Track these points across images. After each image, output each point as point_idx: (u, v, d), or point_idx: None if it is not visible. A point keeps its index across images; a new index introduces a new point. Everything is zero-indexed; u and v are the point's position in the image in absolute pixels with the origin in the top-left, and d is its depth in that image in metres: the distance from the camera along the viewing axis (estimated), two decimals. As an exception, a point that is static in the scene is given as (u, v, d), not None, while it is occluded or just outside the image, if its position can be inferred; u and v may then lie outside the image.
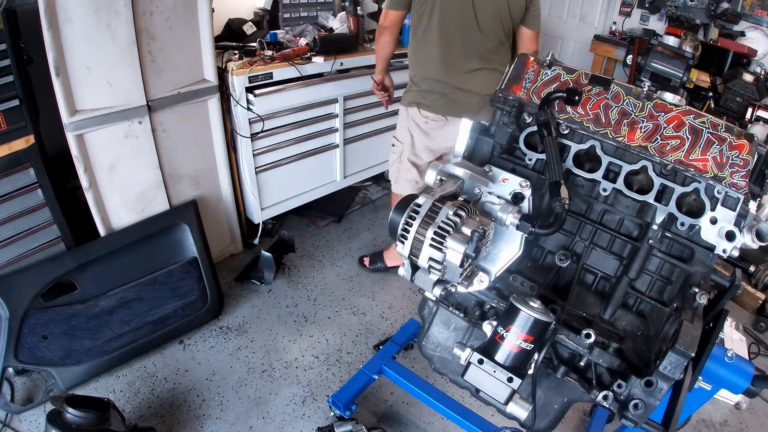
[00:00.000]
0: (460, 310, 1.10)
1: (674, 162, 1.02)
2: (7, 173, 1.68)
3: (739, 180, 0.98)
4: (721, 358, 1.23)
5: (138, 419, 1.83)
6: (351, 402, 1.75)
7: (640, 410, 0.91)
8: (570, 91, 1.05)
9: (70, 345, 1.86)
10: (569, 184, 1.08)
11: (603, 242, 1.09)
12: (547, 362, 0.99)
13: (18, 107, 1.64)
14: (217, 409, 1.90)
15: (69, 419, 1.48)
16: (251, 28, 2.69)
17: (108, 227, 1.98)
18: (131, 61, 1.81)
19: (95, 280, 1.91)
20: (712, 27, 3.68)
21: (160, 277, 2.06)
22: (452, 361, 1.14)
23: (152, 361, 2.06)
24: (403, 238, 0.82)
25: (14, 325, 1.74)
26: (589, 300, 1.07)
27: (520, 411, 0.89)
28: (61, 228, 1.87)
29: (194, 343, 2.16)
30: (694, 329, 0.89)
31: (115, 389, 1.93)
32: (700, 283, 0.98)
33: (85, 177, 1.85)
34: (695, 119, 1.01)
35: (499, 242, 0.93)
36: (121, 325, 1.96)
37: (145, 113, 1.93)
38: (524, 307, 0.84)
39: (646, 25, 4.13)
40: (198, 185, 2.28)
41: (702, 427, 2.05)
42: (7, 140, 1.65)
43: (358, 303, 2.46)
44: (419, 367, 2.09)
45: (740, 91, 3.11)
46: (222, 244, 2.57)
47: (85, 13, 1.64)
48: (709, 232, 0.99)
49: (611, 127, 1.07)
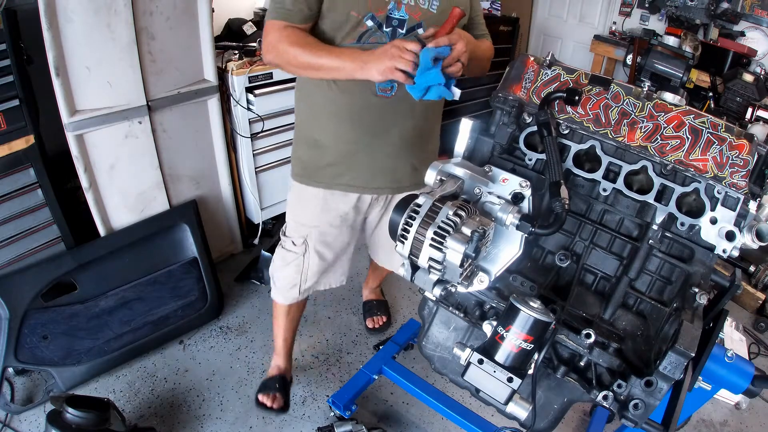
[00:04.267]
0: (460, 310, 1.10)
1: (674, 162, 1.02)
2: (7, 173, 1.68)
3: (739, 180, 0.98)
4: (721, 358, 1.23)
5: (138, 419, 1.83)
6: (351, 402, 1.75)
7: (640, 410, 0.91)
8: (570, 91, 1.05)
9: (70, 345, 1.86)
10: (569, 184, 1.08)
11: (603, 242, 1.09)
12: (547, 362, 0.99)
13: (18, 107, 1.64)
14: (217, 409, 1.90)
15: (69, 419, 1.48)
16: (251, 28, 2.69)
17: (108, 227, 1.98)
18: (131, 61, 1.81)
19: (95, 280, 1.91)
20: (712, 27, 3.68)
21: (160, 277, 2.06)
22: (452, 361, 1.14)
23: (152, 361, 2.06)
24: (403, 238, 0.82)
25: (14, 325, 1.74)
26: (589, 300, 1.07)
27: (520, 411, 0.89)
28: (61, 228, 1.87)
29: (194, 343, 2.16)
30: (694, 329, 0.89)
31: (115, 389, 1.93)
32: (700, 283, 0.98)
33: (85, 177, 1.85)
34: (695, 119, 1.01)
35: (499, 242, 0.92)
36: (121, 325, 1.96)
37: (145, 113, 1.93)
38: (524, 307, 0.84)
39: (646, 25, 4.13)
40: (198, 185, 2.28)
41: (702, 427, 2.05)
42: (7, 140, 1.65)
43: (358, 303, 2.45)
44: (419, 367, 2.08)
45: (740, 91, 3.11)
46: (222, 244, 2.57)
47: (85, 13, 1.64)
48: (709, 232, 0.99)
49: (611, 127, 1.07)
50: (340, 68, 1.26)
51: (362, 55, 1.23)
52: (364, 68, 1.21)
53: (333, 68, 1.27)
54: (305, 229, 1.61)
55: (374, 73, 1.20)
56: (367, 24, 1.33)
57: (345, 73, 1.26)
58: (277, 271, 1.71)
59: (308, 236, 1.62)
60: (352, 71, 1.24)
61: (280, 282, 1.71)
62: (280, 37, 1.30)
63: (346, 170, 1.51)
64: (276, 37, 1.31)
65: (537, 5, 4.86)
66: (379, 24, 1.34)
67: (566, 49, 4.79)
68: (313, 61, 1.28)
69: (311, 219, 1.60)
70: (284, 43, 1.30)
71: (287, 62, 1.34)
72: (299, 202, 1.62)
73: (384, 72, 1.18)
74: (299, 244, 1.63)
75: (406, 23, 1.35)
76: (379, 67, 1.18)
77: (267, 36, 1.34)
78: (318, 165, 1.52)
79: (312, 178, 1.54)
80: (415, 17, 1.35)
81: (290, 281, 1.68)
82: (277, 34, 1.31)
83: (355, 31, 1.33)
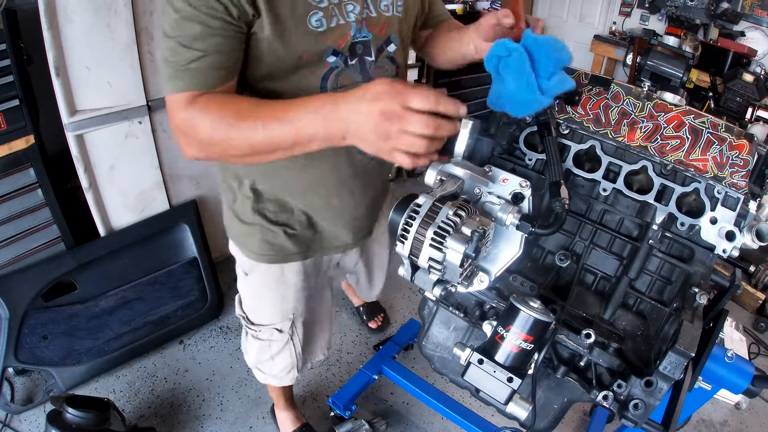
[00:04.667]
0: (460, 310, 1.10)
1: (674, 162, 1.02)
2: (7, 173, 1.68)
3: (739, 180, 0.98)
4: (721, 358, 1.23)
5: (138, 419, 1.83)
6: (351, 402, 1.76)
7: (640, 410, 0.91)
8: (570, 91, 1.05)
9: (70, 345, 1.86)
10: (569, 184, 1.08)
11: (603, 242, 1.09)
12: (547, 362, 0.99)
13: (18, 107, 1.64)
14: (217, 409, 1.90)
15: (69, 419, 1.48)
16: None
17: (108, 227, 1.98)
18: (131, 61, 1.81)
19: (95, 280, 1.91)
20: (712, 27, 3.68)
21: (160, 277, 2.06)
22: (452, 361, 1.14)
23: (152, 361, 2.06)
24: (402, 238, 0.82)
25: (14, 325, 1.74)
26: (589, 300, 1.07)
27: (520, 411, 0.89)
28: (61, 228, 1.87)
29: (194, 343, 2.16)
30: (694, 329, 0.89)
31: (115, 389, 1.93)
32: (700, 283, 0.98)
33: (85, 177, 1.85)
34: (695, 119, 1.01)
35: (499, 242, 0.92)
36: (121, 325, 1.96)
37: (145, 113, 1.93)
38: (524, 307, 0.84)
39: (646, 25, 4.13)
40: (198, 185, 2.28)
41: (702, 427, 2.05)
42: (7, 140, 1.65)
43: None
44: (419, 367, 2.08)
45: (740, 91, 3.11)
46: (222, 244, 2.54)
47: (85, 14, 1.64)
48: (709, 232, 0.99)
49: (611, 127, 1.07)
50: (309, 137, 0.79)
51: (339, 111, 0.76)
52: (348, 136, 0.77)
53: (297, 141, 0.80)
54: (289, 309, 1.32)
55: (366, 146, 0.77)
56: (329, 62, 0.96)
57: (317, 143, 0.80)
58: (263, 364, 1.44)
59: (294, 314, 1.33)
60: (328, 138, 0.79)
61: (271, 371, 1.45)
62: (195, 115, 0.84)
63: (328, 233, 1.22)
64: (187, 117, 0.85)
65: (537, 5, 4.86)
66: (345, 59, 0.98)
67: (566, 49, 4.79)
68: (262, 136, 0.80)
69: (293, 296, 1.29)
70: (205, 122, 0.83)
71: (222, 152, 0.86)
72: (276, 286, 1.27)
73: (384, 153, 0.77)
74: (285, 329, 1.34)
75: (371, 44, 1.01)
76: (375, 144, 0.76)
77: (173, 119, 0.87)
78: (290, 234, 1.18)
79: (286, 252, 1.20)
80: (380, 32, 1.02)
81: (284, 367, 1.43)
82: (188, 113, 0.85)
83: (313, 75, 0.96)
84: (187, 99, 0.85)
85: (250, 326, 1.37)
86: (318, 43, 0.94)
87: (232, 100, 0.87)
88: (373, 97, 0.73)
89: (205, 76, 0.85)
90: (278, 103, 0.82)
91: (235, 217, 1.21)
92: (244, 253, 1.24)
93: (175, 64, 0.84)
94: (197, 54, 0.83)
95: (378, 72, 1.06)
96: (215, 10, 0.82)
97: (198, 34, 0.82)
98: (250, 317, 1.37)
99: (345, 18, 0.96)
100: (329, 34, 0.94)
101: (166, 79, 0.87)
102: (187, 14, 0.81)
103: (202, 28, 0.82)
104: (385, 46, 1.05)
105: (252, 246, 1.20)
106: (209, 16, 0.82)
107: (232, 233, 1.27)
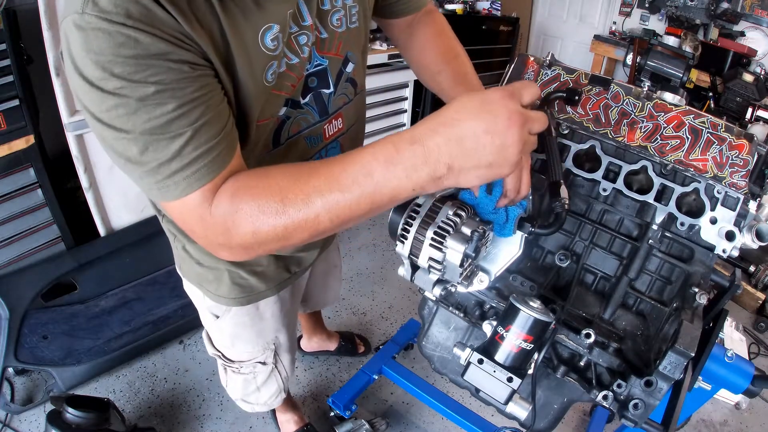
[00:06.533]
0: (460, 310, 1.10)
1: (674, 162, 1.02)
2: (7, 173, 1.68)
3: (739, 180, 0.98)
4: (721, 358, 1.23)
5: (138, 419, 1.83)
6: (351, 402, 1.76)
7: (639, 410, 0.91)
8: (570, 91, 1.05)
9: (70, 345, 1.86)
10: (569, 184, 1.08)
11: (603, 242, 1.09)
12: (547, 362, 0.99)
13: (18, 107, 1.63)
14: (217, 409, 1.90)
15: (69, 419, 1.48)
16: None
17: (108, 227, 1.98)
18: (131, 61, 1.81)
19: (95, 280, 1.91)
20: (712, 27, 3.68)
21: (160, 277, 2.06)
22: (452, 361, 1.14)
23: (152, 361, 2.06)
24: (402, 238, 0.82)
25: (14, 325, 1.74)
26: (589, 300, 1.07)
27: (519, 411, 0.89)
28: (61, 228, 1.87)
29: (194, 343, 2.16)
30: (694, 329, 0.89)
31: (115, 389, 1.93)
32: (700, 283, 0.98)
33: (85, 177, 1.85)
34: (695, 119, 1.01)
35: (499, 242, 0.93)
36: (121, 325, 1.96)
37: (145, 113, 1.93)
38: (524, 307, 0.84)
39: (646, 25, 4.13)
40: (198, 185, 2.28)
41: (702, 427, 2.05)
42: (7, 140, 1.64)
43: (358, 303, 2.46)
44: (419, 367, 2.09)
45: (740, 91, 3.12)
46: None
47: (85, 13, 1.64)
48: (709, 232, 0.99)
49: (611, 127, 1.07)
50: (399, 189, 0.61)
51: (427, 149, 0.58)
52: (452, 173, 0.59)
53: (385, 197, 0.62)
54: (270, 341, 1.26)
55: (492, 171, 0.60)
56: (279, 115, 0.81)
57: (406, 193, 0.62)
58: (249, 396, 1.38)
59: (276, 344, 1.27)
60: (427, 183, 0.60)
61: (258, 401, 1.41)
62: (233, 204, 0.62)
63: (299, 257, 1.13)
64: (227, 212, 0.62)
65: (537, 5, 4.87)
66: (295, 103, 0.82)
67: (566, 49, 4.79)
68: (344, 203, 0.61)
69: (273, 328, 1.23)
70: (253, 210, 0.61)
71: (283, 247, 0.66)
72: (253, 324, 1.18)
73: (515, 165, 0.60)
74: (269, 361, 1.28)
75: (327, 73, 0.85)
76: (508, 160, 0.58)
77: (203, 221, 0.64)
78: (259, 272, 1.06)
79: (259, 290, 1.09)
80: (336, 53, 0.86)
81: (271, 394, 1.40)
82: (226, 204, 0.63)
83: (265, 136, 0.81)
84: (208, 191, 0.63)
85: (229, 364, 1.28)
86: (277, 103, 0.78)
87: (271, 170, 0.65)
88: (482, 108, 0.57)
89: (221, 150, 0.63)
90: (338, 160, 0.62)
91: (191, 259, 1.04)
92: (210, 297, 1.10)
93: (160, 162, 0.60)
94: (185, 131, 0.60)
95: (336, 101, 0.91)
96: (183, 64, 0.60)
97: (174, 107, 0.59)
98: (227, 356, 1.28)
99: (299, 54, 0.78)
100: (279, 78, 0.75)
101: (154, 188, 0.62)
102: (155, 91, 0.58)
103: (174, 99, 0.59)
104: (344, 68, 0.89)
105: (220, 291, 1.06)
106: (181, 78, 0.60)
107: (190, 276, 1.11)
